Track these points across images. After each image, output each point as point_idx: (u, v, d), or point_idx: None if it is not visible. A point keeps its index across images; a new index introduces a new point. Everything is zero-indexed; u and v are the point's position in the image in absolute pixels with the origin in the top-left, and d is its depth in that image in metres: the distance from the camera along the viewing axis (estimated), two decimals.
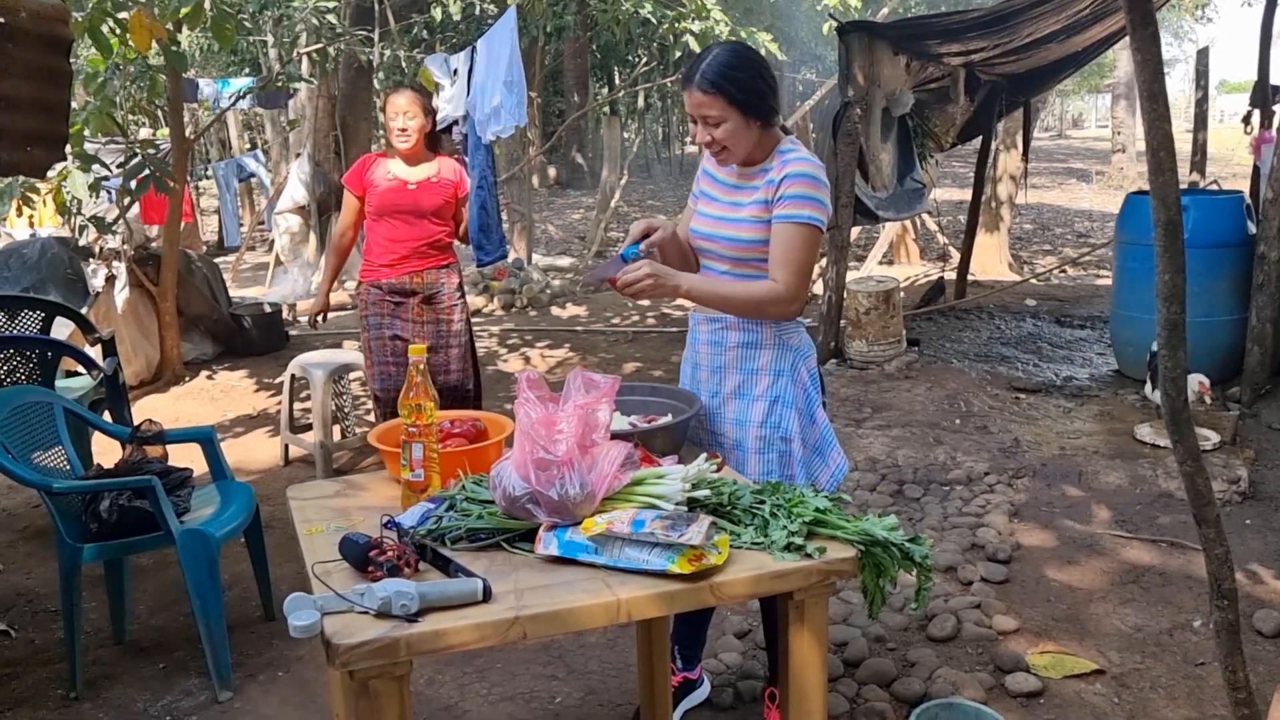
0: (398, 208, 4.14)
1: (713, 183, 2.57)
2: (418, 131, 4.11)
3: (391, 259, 4.19)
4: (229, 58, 14.64)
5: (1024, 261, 11.22)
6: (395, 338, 4.26)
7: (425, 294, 4.25)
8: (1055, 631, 3.28)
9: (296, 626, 1.58)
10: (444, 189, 4.23)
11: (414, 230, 4.18)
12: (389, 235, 4.18)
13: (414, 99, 4.12)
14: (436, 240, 4.25)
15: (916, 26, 6.83)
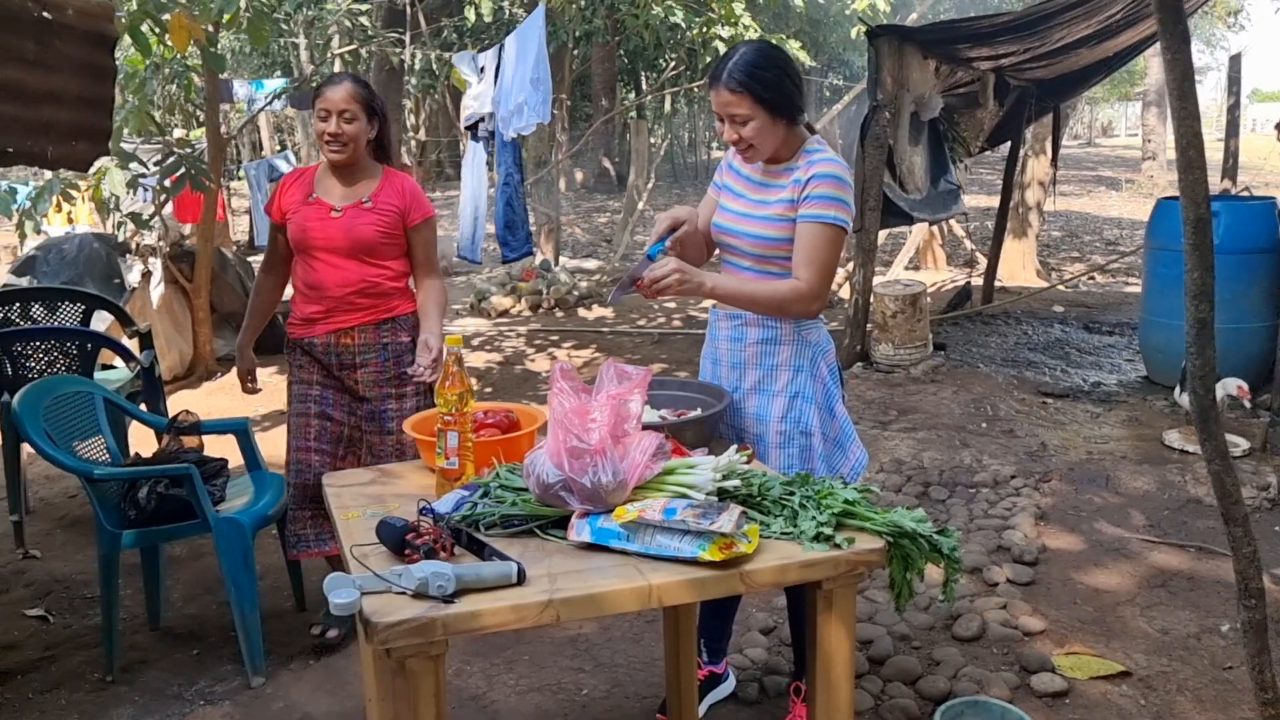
0: (315, 242, 3.11)
1: (737, 178, 2.60)
2: (356, 139, 3.07)
3: (312, 312, 3.18)
4: (261, 59, 14.83)
5: (1052, 268, 11.16)
6: (322, 416, 3.23)
7: (358, 360, 3.20)
8: (1082, 633, 3.28)
9: (336, 604, 1.62)
10: (382, 216, 3.13)
11: (338, 273, 3.12)
12: (307, 279, 3.17)
13: (353, 93, 3.08)
14: (372, 287, 3.16)
15: (946, 30, 6.83)
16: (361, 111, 3.08)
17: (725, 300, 2.53)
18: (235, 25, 5.35)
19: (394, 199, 3.17)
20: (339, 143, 3.06)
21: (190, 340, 6.85)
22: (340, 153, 3.08)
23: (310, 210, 3.12)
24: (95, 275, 6.37)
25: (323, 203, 3.13)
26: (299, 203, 3.15)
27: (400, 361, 3.22)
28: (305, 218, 3.12)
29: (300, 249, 3.16)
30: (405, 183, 3.23)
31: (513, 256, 4.77)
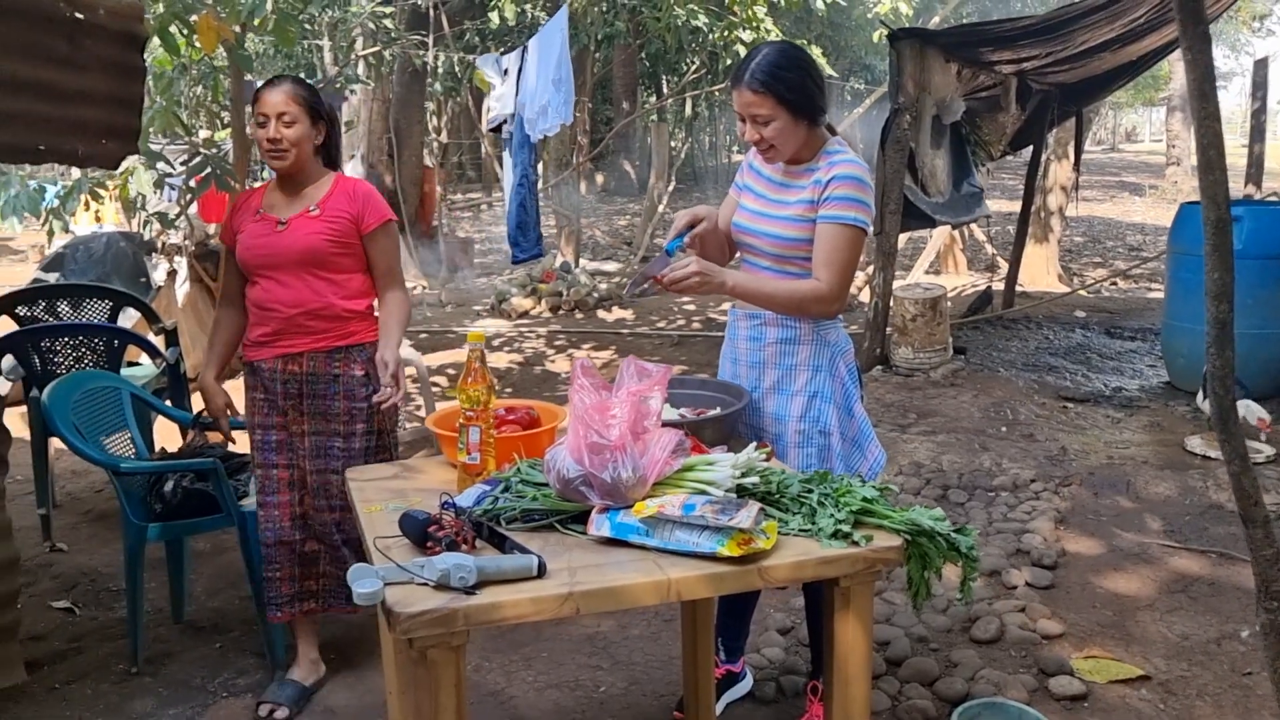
0: (262, 258, 2.85)
1: (758, 178, 2.61)
2: (298, 144, 2.81)
3: (260, 334, 2.90)
4: (285, 62, 14.94)
5: (1074, 273, 11.11)
6: (289, 466, 2.97)
7: (304, 389, 2.91)
8: (1101, 637, 3.27)
9: (360, 594, 1.65)
10: (332, 225, 2.85)
11: (286, 291, 2.84)
12: (255, 299, 2.90)
13: (292, 95, 2.81)
14: (324, 308, 2.86)
15: (968, 34, 6.82)
16: (303, 114, 2.82)
17: (744, 299, 2.55)
18: (263, 28, 5.41)
19: (344, 205, 2.87)
20: (279, 149, 2.79)
21: None
22: (281, 159, 2.81)
23: (256, 226, 2.87)
24: (122, 273, 6.45)
25: (268, 217, 2.88)
26: (247, 221, 2.90)
27: (351, 396, 2.90)
28: (251, 234, 2.87)
29: (248, 268, 2.89)
30: (358, 186, 2.95)
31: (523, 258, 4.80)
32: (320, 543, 3.00)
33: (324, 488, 2.94)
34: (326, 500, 2.95)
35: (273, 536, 2.97)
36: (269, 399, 2.94)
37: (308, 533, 2.99)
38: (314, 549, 3.02)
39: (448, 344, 7.93)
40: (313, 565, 3.03)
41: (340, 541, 2.98)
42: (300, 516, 2.98)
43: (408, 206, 10.70)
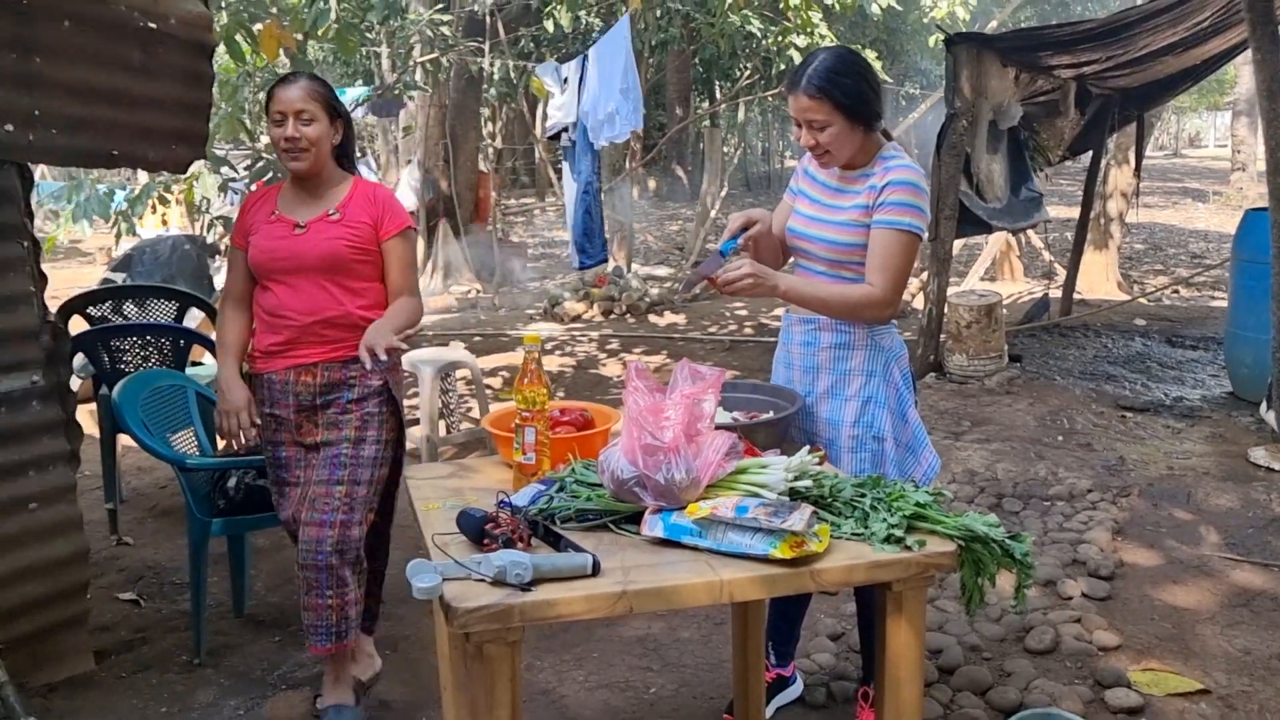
0: (278, 262, 2.72)
1: (812, 183, 2.62)
2: (317, 143, 2.70)
3: (272, 343, 2.76)
4: (343, 68, 15.20)
5: (1134, 281, 10.91)
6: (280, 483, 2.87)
7: (318, 401, 2.77)
8: (1159, 650, 3.22)
9: (419, 588, 1.68)
10: (353, 230, 2.75)
11: (303, 298, 2.72)
12: (268, 305, 2.77)
13: (310, 92, 2.69)
14: (342, 317, 2.75)
15: (1027, 38, 6.75)
16: (321, 112, 2.70)
17: (797, 302, 2.55)
18: (325, 36, 5.52)
19: (365, 209, 2.77)
20: (297, 148, 2.67)
21: None
22: (300, 159, 2.69)
23: (272, 228, 2.74)
24: (186, 275, 6.62)
25: (285, 219, 2.75)
26: (262, 222, 2.77)
27: (365, 402, 2.78)
28: (266, 237, 2.74)
29: (262, 272, 2.75)
30: (378, 191, 2.86)
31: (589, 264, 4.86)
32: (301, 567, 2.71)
33: (320, 499, 2.70)
34: (318, 513, 2.69)
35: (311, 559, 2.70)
36: (278, 414, 2.78)
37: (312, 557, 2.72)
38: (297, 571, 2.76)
39: (501, 347, 8.01)
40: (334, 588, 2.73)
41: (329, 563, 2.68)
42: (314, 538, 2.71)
43: (463, 211, 10.82)
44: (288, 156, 2.70)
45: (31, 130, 2.87)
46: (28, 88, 2.85)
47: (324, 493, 2.71)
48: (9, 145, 2.84)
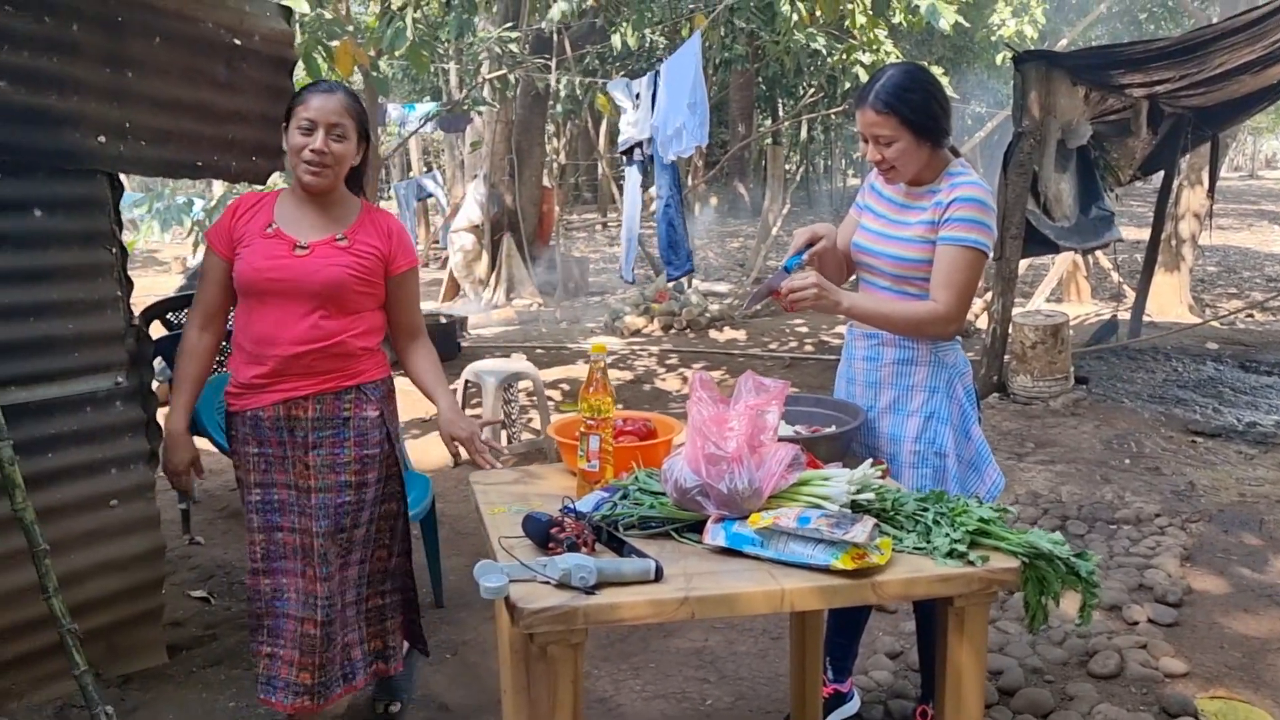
0: (272, 284, 2.43)
1: (879, 199, 2.62)
2: (342, 161, 2.46)
3: (255, 375, 2.47)
4: (411, 84, 15.51)
5: (1206, 304, 10.66)
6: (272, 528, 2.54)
7: (311, 438, 2.50)
8: (1228, 679, 3.15)
9: (487, 588, 1.73)
10: (361, 260, 2.49)
11: (295, 326, 2.44)
12: (252, 331, 2.47)
13: (348, 108, 2.45)
14: (336, 346, 2.48)
15: (1097, 56, 6.66)
16: (353, 130, 2.46)
17: (860, 319, 2.56)
18: (398, 53, 5.66)
19: (376, 240, 2.53)
20: (322, 164, 2.40)
21: None
22: (322, 176, 2.42)
23: (269, 244, 2.44)
24: None
25: (285, 236, 2.45)
26: (256, 234, 2.46)
27: (364, 442, 2.53)
28: (262, 253, 2.43)
29: (249, 291, 2.45)
30: (390, 222, 2.62)
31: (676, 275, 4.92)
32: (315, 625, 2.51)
33: (330, 551, 2.51)
34: (330, 566, 2.51)
35: (280, 608, 2.53)
36: (266, 453, 2.50)
37: (307, 610, 2.52)
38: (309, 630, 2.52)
39: (562, 360, 8.09)
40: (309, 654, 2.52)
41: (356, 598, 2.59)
42: (304, 591, 2.52)
43: (526, 225, 10.96)
44: (307, 169, 2.40)
45: (122, 141, 2.99)
46: (119, 101, 2.97)
47: (326, 545, 2.49)
48: (101, 155, 2.96)
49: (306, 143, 2.39)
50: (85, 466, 3.03)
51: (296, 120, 2.42)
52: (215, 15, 3.19)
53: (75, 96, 2.89)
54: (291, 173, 2.48)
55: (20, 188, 2.85)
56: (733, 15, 10.00)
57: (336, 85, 2.52)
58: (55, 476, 2.94)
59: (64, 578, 2.67)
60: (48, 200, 2.91)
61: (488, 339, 9.16)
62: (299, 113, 2.42)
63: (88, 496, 3.04)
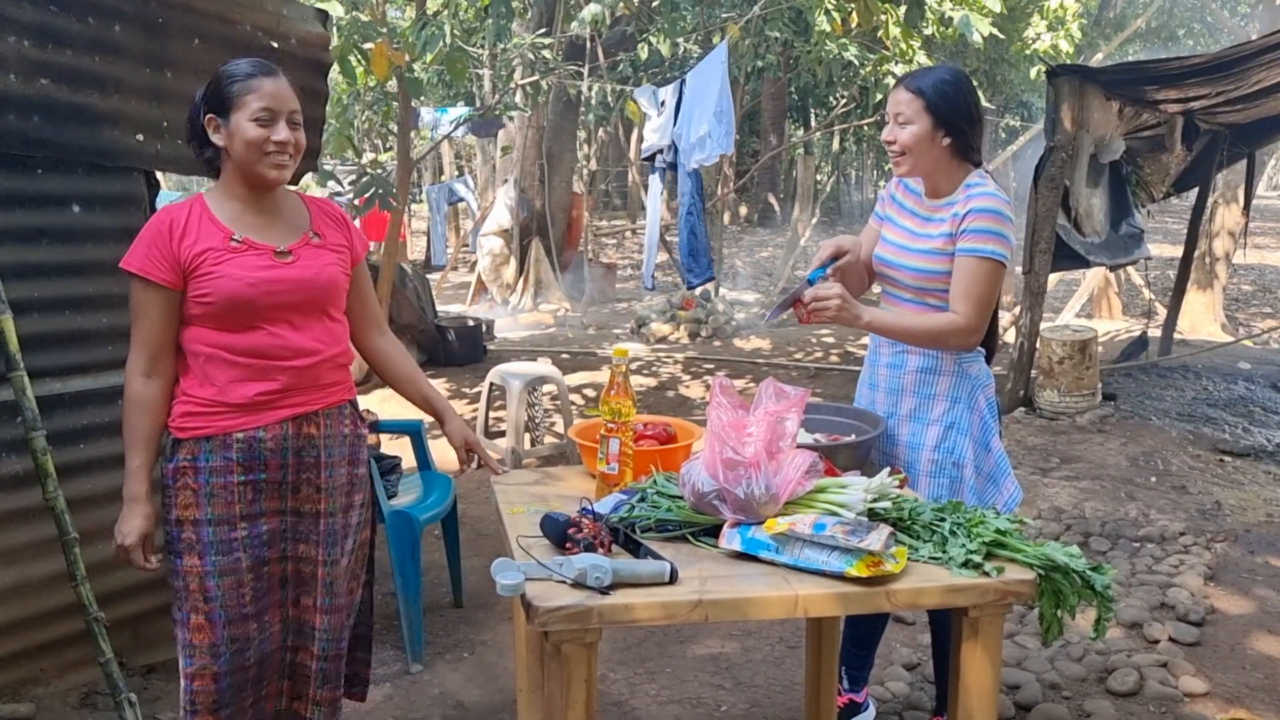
0: (273, 297, 2.16)
1: (900, 210, 2.63)
2: (301, 151, 2.19)
3: (259, 393, 2.17)
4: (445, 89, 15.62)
5: (1239, 323, 10.54)
6: (258, 563, 2.21)
7: (322, 457, 2.26)
8: (1249, 699, 3.12)
9: (504, 585, 1.75)
10: (337, 255, 2.28)
11: (304, 336, 2.21)
12: (259, 348, 2.17)
13: (296, 89, 2.20)
14: (341, 354, 2.30)
15: (1132, 71, 6.62)
16: (300, 115, 2.19)
17: (881, 333, 2.56)
18: (436, 60, 5.72)
19: (336, 230, 2.31)
20: (286, 155, 2.14)
21: None
22: (284, 170, 2.16)
23: (246, 258, 2.14)
24: None
25: (256, 244, 2.16)
26: (219, 250, 2.13)
27: (357, 460, 2.35)
28: (246, 267, 2.14)
29: (237, 309, 2.13)
30: (336, 209, 2.38)
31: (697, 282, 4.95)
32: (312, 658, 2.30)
33: (337, 581, 2.29)
34: (333, 598, 2.28)
35: (231, 663, 2.19)
36: (257, 479, 2.18)
37: (300, 639, 2.31)
38: (305, 660, 2.32)
39: (587, 365, 8.12)
40: (303, 682, 2.33)
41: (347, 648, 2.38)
42: (293, 619, 2.30)
43: (555, 231, 11.02)
44: (269, 163, 2.12)
45: (159, 140, 3.05)
46: (158, 100, 3.04)
47: (327, 574, 2.27)
48: (138, 153, 3.03)
49: (266, 134, 2.10)
50: (115, 458, 3.07)
51: (249, 110, 2.09)
52: (253, 18, 3.25)
53: (116, 95, 2.95)
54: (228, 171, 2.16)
55: (60, 183, 2.91)
56: (765, 25, 10.02)
57: (273, 65, 2.19)
58: (86, 467, 3.00)
59: (92, 567, 2.72)
60: (86, 196, 2.97)
61: (514, 343, 9.21)
62: (250, 101, 2.09)
63: (117, 487, 3.06)
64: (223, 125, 2.12)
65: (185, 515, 2.16)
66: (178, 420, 2.17)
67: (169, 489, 2.17)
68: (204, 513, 2.15)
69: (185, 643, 2.18)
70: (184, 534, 2.16)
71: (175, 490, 2.16)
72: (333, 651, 2.31)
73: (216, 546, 2.16)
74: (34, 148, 2.83)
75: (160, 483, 2.18)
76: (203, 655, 2.17)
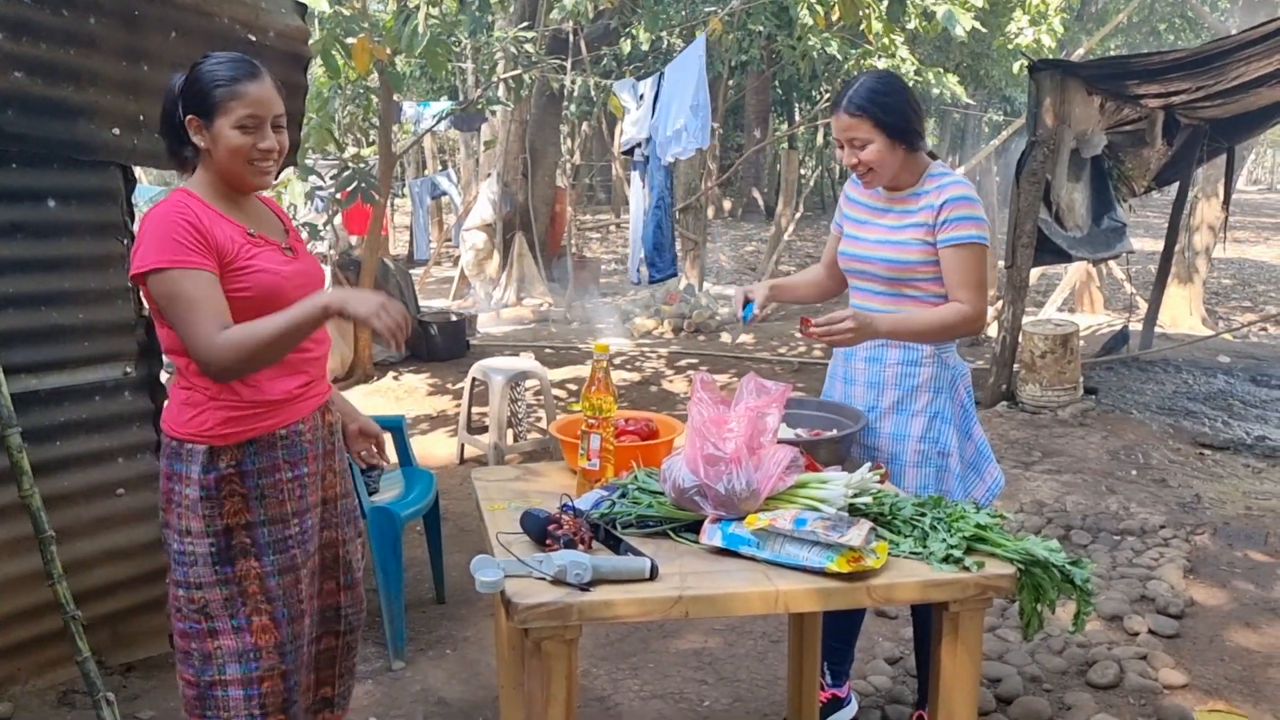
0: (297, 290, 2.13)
1: (860, 207, 2.66)
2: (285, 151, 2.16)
3: (298, 385, 2.18)
4: (428, 83, 15.54)
5: (1219, 317, 10.61)
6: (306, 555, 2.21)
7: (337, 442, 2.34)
8: (1227, 691, 3.14)
9: (483, 582, 1.74)
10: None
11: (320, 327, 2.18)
12: None
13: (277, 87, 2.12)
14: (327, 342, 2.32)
15: (1113, 66, 6.65)
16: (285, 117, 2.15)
17: (900, 338, 2.54)
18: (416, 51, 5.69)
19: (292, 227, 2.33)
20: (270, 161, 2.10)
21: (351, 344, 7.24)
22: (270, 175, 2.13)
23: (267, 252, 2.13)
24: None
25: (267, 240, 2.16)
26: (243, 242, 2.09)
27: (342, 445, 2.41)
28: (272, 261, 2.13)
29: (272, 303, 2.05)
30: (278, 206, 2.37)
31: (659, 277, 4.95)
32: (336, 638, 2.37)
33: (354, 558, 2.37)
34: (353, 574, 2.37)
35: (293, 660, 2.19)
36: (301, 474, 2.19)
37: (324, 626, 2.35)
38: (330, 645, 2.36)
39: (571, 360, 8.10)
40: (328, 667, 2.38)
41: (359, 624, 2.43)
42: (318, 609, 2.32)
43: (538, 225, 10.98)
44: (253, 170, 2.08)
45: (136, 134, 3.02)
46: (135, 94, 3.01)
47: (355, 550, 2.36)
48: (114, 147, 2.99)
49: (252, 142, 2.04)
50: (93, 455, 3.06)
51: (233, 117, 2.02)
52: (231, 10, 3.21)
53: (91, 89, 2.92)
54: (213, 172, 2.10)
55: (36, 178, 2.88)
56: (748, 19, 10.01)
57: (258, 63, 2.12)
58: (63, 464, 2.97)
59: (69, 564, 2.70)
60: (62, 191, 2.94)
61: (497, 337, 9.19)
62: (234, 108, 2.02)
63: (94, 484, 3.07)
64: (205, 128, 2.06)
65: (235, 521, 2.10)
66: (216, 428, 2.08)
67: (212, 499, 2.08)
68: (256, 515, 2.12)
69: (246, 648, 2.12)
70: (235, 540, 2.11)
71: (220, 499, 2.09)
72: (356, 624, 2.39)
73: (273, 546, 2.13)
74: (8, 142, 2.80)
75: (197, 497, 2.08)
76: (270, 655, 2.14)
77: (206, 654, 2.13)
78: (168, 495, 2.14)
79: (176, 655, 2.18)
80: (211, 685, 2.13)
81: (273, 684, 2.15)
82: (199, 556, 2.10)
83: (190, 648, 2.14)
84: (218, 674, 2.12)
